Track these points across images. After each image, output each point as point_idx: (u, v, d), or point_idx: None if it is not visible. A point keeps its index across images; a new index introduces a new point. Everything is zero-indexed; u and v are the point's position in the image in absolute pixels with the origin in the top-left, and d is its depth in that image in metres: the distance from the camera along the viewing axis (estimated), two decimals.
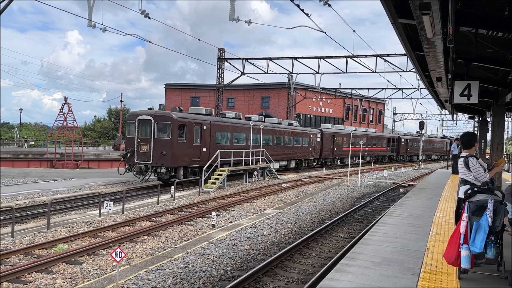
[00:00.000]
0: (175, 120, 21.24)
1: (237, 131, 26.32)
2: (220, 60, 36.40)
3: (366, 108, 66.38)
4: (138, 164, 21.32)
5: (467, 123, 78.06)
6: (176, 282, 8.24)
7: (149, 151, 21.03)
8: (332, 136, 40.87)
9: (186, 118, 22.06)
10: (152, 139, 21.11)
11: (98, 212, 14.35)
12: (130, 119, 22.38)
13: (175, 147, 21.11)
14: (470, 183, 5.77)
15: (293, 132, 33.77)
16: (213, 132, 23.70)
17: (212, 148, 23.34)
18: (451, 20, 6.20)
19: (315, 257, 10.48)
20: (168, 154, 20.72)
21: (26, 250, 9.93)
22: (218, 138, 24.42)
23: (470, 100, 10.87)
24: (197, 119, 22.85)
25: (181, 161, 21.55)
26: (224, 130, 25.09)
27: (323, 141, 38.94)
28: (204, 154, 22.83)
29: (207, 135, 23.15)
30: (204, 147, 22.87)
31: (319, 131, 38.87)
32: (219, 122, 24.82)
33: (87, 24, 18.03)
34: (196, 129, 22.47)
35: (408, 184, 27.13)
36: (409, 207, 12.28)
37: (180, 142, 21.38)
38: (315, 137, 37.57)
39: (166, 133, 21.23)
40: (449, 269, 6.25)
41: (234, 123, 26.30)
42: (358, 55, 31.72)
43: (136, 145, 21.47)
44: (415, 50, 10.38)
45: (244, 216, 15.16)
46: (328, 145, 40.16)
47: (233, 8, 18.05)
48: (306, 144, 35.93)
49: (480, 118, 26.57)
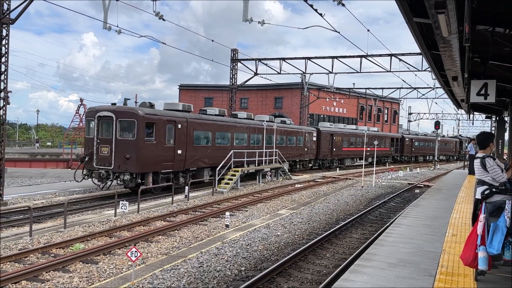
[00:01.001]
0: (141, 117, 18.02)
1: (220, 130, 23.55)
2: (233, 60, 36.48)
3: (380, 108, 65.84)
4: (98, 169, 18.23)
5: (484, 122, 76.87)
6: (191, 281, 8.29)
7: (110, 154, 17.89)
8: (331, 136, 38.08)
9: (156, 114, 18.85)
10: (114, 140, 17.93)
11: (113, 212, 14.53)
12: (89, 116, 19.27)
13: (141, 150, 17.99)
14: (488, 184, 5.69)
15: (286, 131, 30.75)
16: (190, 131, 20.76)
17: (190, 150, 20.63)
18: (467, 18, 6.13)
19: (329, 258, 10.44)
20: (132, 157, 17.64)
21: (44, 249, 10.09)
22: (197, 138, 21.59)
23: (487, 99, 10.72)
24: (170, 116, 19.69)
25: (150, 165, 18.48)
26: (204, 129, 22.18)
27: (320, 140, 36.13)
28: (179, 156, 19.92)
29: (182, 134, 20.18)
30: (179, 148, 19.87)
31: (316, 130, 36.03)
32: (198, 120, 21.82)
33: (103, 26, 18.22)
34: (169, 128, 19.41)
35: (424, 184, 26.85)
36: (424, 208, 12.15)
37: (148, 143, 18.30)
38: (311, 136, 34.70)
39: (130, 132, 18.08)
40: (465, 270, 6.17)
41: (216, 120, 23.33)
42: (372, 54, 31.47)
43: (95, 147, 18.28)
44: (431, 49, 10.28)
45: (257, 216, 15.18)
46: (326, 145, 37.46)
47: (246, 9, 18.07)
48: (301, 143, 33.05)
49: (497, 117, 26.17)
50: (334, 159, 39.47)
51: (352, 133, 41.90)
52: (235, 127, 24.76)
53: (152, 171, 18.63)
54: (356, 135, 42.02)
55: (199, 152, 21.49)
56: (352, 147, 41.62)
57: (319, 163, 37.51)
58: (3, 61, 16.82)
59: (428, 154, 59.80)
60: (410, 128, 73.46)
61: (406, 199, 20.95)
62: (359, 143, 42.26)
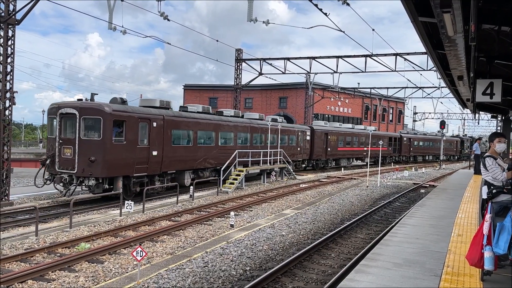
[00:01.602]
0: (108, 114, 15.99)
1: (203, 129, 21.63)
2: (238, 60, 36.51)
3: (385, 108, 65.65)
4: (60, 173, 16.24)
5: (490, 122, 76.51)
6: (196, 281, 8.31)
7: (74, 156, 15.89)
8: (325, 135, 35.89)
9: (126, 111, 16.80)
10: (77, 140, 15.90)
11: (119, 212, 14.58)
12: (51, 113, 17.00)
13: (108, 151, 16.03)
14: (489, 183, 5.69)
15: (277, 129, 28.90)
16: (167, 130, 18.82)
17: (167, 151, 18.76)
18: (473, 17, 6.10)
19: (334, 258, 10.42)
20: (98, 160, 15.73)
21: (50, 249, 10.15)
22: (176, 138, 19.72)
23: (492, 98, 10.68)
24: (143, 113, 17.65)
25: (119, 168, 16.46)
26: (184, 128, 20.24)
27: (314, 140, 34.07)
28: (154, 158, 17.96)
29: (158, 133, 18.22)
30: (154, 149, 17.90)
31: (309, 129, 34.06)
32: (177, 118, 19.75)
33: (108, 27, 18.29)
34: (142, 126, 17.41)
35: (429, 184, 26.74)
36: (430, 208, 12.11)
37: (116, 144, 16.34)
38: (304, 135, 32.66)
39: (96, 131, 16.09)
40: (471, 270, 6.15)
41: (199, 118, 21.32)
42: (377, 54, 31.41)
43: (57, 148, 16.24)
44: (436, 48, 10.25)
45: (262, 216, 15.18)
46: (320, 145, 35.29)
47: (251, 9, 18.08)
48: (293, 143, 31.05)
49: (503, 117, 26.02)
50: (329, 160, 37.52)
51: (348, 132, 40.16)
52: (220, 126, 22.81)
53: (122, 175, 16.69)
54: (352, 135, 40.42)
55: (179, 153, 19.66)
56: (348, 147, 40.03)
57: (312, 164, 35.60)
58: (9, 62, 16.93)
59: (427, 154, 58.28)
60: (415, 127, 73.23)
61: (411, 199, 20.88)
62: (356, 142, 41.11)
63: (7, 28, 16.75)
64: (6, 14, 16.60)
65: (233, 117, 24.77)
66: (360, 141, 41.80)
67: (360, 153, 42.02)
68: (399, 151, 50.60)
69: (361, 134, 41.92)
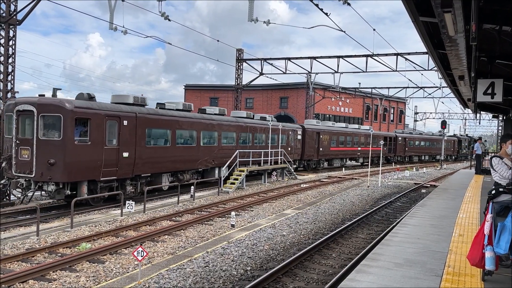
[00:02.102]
0: (69, 111, 14.35)
1: (183, 128, 19.99)
2: (239, 60, 36.53)
3: (386, 108, 65.63)
4: (17, 178, 14.67)
5: (491, 122, 76.51)
6: (197, 281, 8.31)
7: (31, 158, 14.26)
8: (317, 134, 34.36)
9: (91, 108, 15.15)
10: (35, 141, 14.27)
11: (120, 212, 14.59)
12: (8, 110, 15.40)
13: (70, 153, 14.40)
14: (496, 183, 5.69)
15: (265, 128, 27.15)
16: (141, 129, 17.20)
17: (141, 152, 17.15)
18: (474, 17, 6.10)
19: (335, 258, 10.42)
20: (59, 162, 14.13)
21: (51, 249, 10.16)
22: (152, 137, 18.18)
23: (494, 98, 10.68)
24: (112, 109, 15.97)
25: (83, 172, 14.85)
26: (161, 126, 18.66)
27: (305, 139, 32.54)
28: (125, 160, 16.31)
29: (130, 133, 16.58)
30: (125, 150, 16.27)
31: (301, 128, 32.44)
32: (152, 115, 18.09)
33: (108, 27, 18.30)
34: (110, 125, 15.74)
35: (430, 184, 26.72)
36: (431, 208, 12.10)
37: (80, 144, 14.76)
38: (295, 135, 31.08)
39: (56, 131, 14.44)
40: (472, 270, 6.14)
41: (177, 116, 19.67)
42: (378, 54, 31.41)
43: (14, 149, 14.66)
44: (437, 48, 10.25)
45: (263, 216, 15.18)
46: (312, 144, 33.76)
47: (251, 9, 18.08)
48: (284, 143, 29.29)
49: (504, 117, 26.01)
50: (321, 160, 35.92)
51: (341, 131, 38.56)
52: (202, 124, 21.16)
53: (87, 180, 15.16)
54: (345, 134, 38.95)
55: (155, 154, 18.10)
56: (342, 147, 38.55)
57: (304, 164, 34.00)
58: (10, 62, 16.96)
59: (423, 154, 56.67)
60: (416, 127, 73.17)
61: (412, 199, 20.87)
62: (349, 142, 39.82)
63: (8, 28, 16.78)
64: (7, 15, 16.63)
65: (218, 115, 23.21)
66: (354, 140, 40.69)
67: (353, 153, 40.95)
68: (394, 151, 49.04)
69: (355, 133, 40.79)
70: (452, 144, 63.97)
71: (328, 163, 37.61)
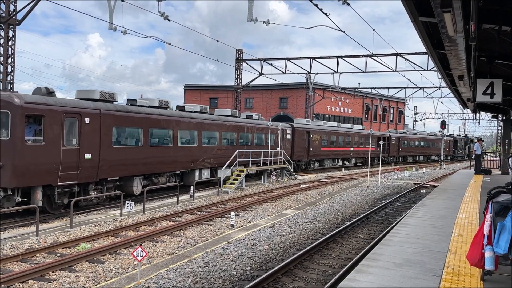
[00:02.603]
0: (19, 107, 12.72)
1: (157, 126, 18.26)
2: (238, 61, 36.55)
3: (386, 108, 65.67)
4: None
5: (490, 122, 76.59)
6: (196, 281, 8.31)
7: None
8: (307, 133, 32.83)
9: (45, 104, 13.47)
10: None
11: (119, 212, 14.59)
12: None
13: (20, 154, 12.79)
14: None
15: (251, 127, 25.67)
16: (107, 128, 15.50)
17: (107, 153, 15.44)
18: (473, 17, 6.10)
19: (334, 258, 10.42)
20: (7, 166, 12.56)
21: (50, 249, 10.15)
22: (120, 137, 16.55)
23: (493, 98, 10.69)
24: (71, 106, 14.22)
25: (36, 176, 13.16)
26: (131, 125, 16.93)
27: (294, 139, 31.04)
28: (88, 162, 14.66)
29: (93, 132, 14.91)
30: (87, 151, 14.61)
31: (290, 127, 30.87)
32: (121, 113, 16.27)
33: (108, 27, 18.34)
34: (70, 123, 14.06)
35: (430, 184, 26.74)
36: (431, 208, 12.10)
37: (32, 145, 13.12)
38: (284, 134, 29.54)
39: (4, 129, 12.82)
40: (472, 270, 6.14)
41: (150, 114, 17.89)
42: (377, 54, 31.46)
43: None
44: (436, 48, 10.25)
45: (262, 216, 15.18)
46: (302, 144, 32.26)
47: (251, 9, 18.09)
48: (272, 142, 27.75)
49: (503, 117, 26.03)
50: (311, 160, 34.30)
51: (332, 131, 37.07)
52: (179, 123, 19.47)
53: (42, 184, 13.47)
54: (337, 134, 37.56)
55: (124, 155, 16.38)
56: (333, 147, 37.10)
57: (293, 165, 31.70)
58: (10, 62, 16.96)
59: (418, 154, 55.20)
60: (416, 127, 73.20)
61: (412, 199, 20.87)
62: (341, 142, 38.45)
63: (8, 28, 16.77)
64: (6, 15, 16.63)
65: (198, 113, 21.56)
66: (346, 140, 39.30)
67: (346, 153, 39.48)
68: (388, 151, 47.21)
69: (347, 133, 39.44)
70: (447, 144, 62.37)
71: (319, 164, 36.08)
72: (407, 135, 53.02)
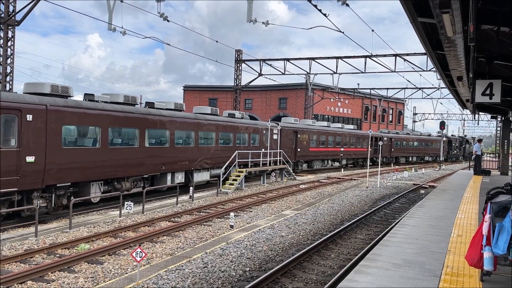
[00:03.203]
0: None
1: (119, 125, 16.28)
2: (238, 61, 36.56)
3: (385, 108, 65.70)
4: None
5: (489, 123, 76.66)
6: (196, 282, 8.31)
7: None
8: (295, 133, 31.05)
9: None
10: None
11: (118, 213, 14.58)
12: None
13: None
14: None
15: (233, 126, 23.75)
16: (55, 126, 13.49)
17: (55, 155, 13.43)
18: (472, 18, 6.11)
19: (334, 258, 10.42)
20: None
21: (49, 250, 10.15)
22: (72, 137, 14.62)
23: (492, 99, 10.70)
24: (9, 100, 12.21)
25: None
26: (86, 123, 14.92)
27: (281, 139, 29.21)
28: (31, 166, 12.64)
29: (38, 131, 12.93)
30: (29, 153, 12.60)
31: (276, 126, 28.94)
32: (73, 109, 14.22)
33: (107, 28, 18.35)
34: (6, 120, 12.16)
35: (429, 185, 26.75)
36: (430, 209, 12.11)
37: None
38: (270, 134, 27.45)
39: None
40: (471, 271, 6.15)
41: (111, 111, 15.85)
42: (377, 54, 31.50)
43: None
44: (435, 49, 10.26)
45: (262, 217, 15.18)
46: (289, 145, 30.28)
47: (250, 10, 18.10)
48: (256, 143, 25.77)
49: (502, 117, 26.05)
50: (299, 162, 32.58)
51: (322, 130, 35.27)
52: (146, 121, 17.48)
53: None
54: (327, 133, 35.87)
55: (77, 158, 14.40)
56: (322, 147, 35.35)
57: None
58: (9, 63, 16.95)
59: (411, 155, 52.85)
60: (415, 128, 73.27)
61: (411, 200, 20.88)
62: (331, 142, 36.73)
63: (7, 29, 16.77)
64: (6, 15, 16.62)
65: (171, 111, 19.48)
66: (336, 140, 37.47)
67: (336, 154, 37.61)
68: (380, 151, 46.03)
69: (337, 133, 37.60)
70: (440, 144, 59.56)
71: (307, 165, 34.45)
72: (400, 135, 51.05)
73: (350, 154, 40.40)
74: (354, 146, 40.58)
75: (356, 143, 40.78)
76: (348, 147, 39.63)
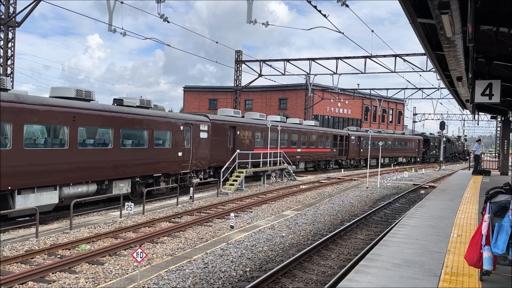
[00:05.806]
0: None
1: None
2: (238, 62, 36.59)
3: (385, 109, 65.73)
4: None
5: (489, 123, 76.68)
6: (196, 282, 8.33)
7: None
8: (232, 129, 23.97)
9: None
10: None
11: (119, 213, 14.59)
12: None
13: None
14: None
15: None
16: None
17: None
18: (471, 19, 6.14)
19: (334, 258, 10.44)
20: None
21: (50, 250, 10.16)
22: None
23: (491, 99, 10.73)
24: None
25: None
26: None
27: (212, 137, 21.90)
28: None
29: None
30: None
31: (206, 120, 21.56)
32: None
33: (107, 29, 18.35)
34: None
35: (429, 185, 26.78)
36: (430, 209, 12.13)
37: None
38: (196, 131, 20.42)
39: None
40: (470, 270, 6.17)
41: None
42: (376, 55, 31.52)
43: None
44: (435, 49, 10.29)
45: (262, 217, 15.20)
46: (224, 145, 23.27)
47: (250, 11, 18.11)
48: (168, 144, 18.53)
49: (502, 117, 26.07)
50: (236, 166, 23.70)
51: (270, 127, 26.41)
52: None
53: None
54: (283, 131, 28.25)
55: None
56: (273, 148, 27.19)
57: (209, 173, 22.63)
58: (9, 64, 16.98)
59: (383, 156, 44.01)
60: (415, 128, 73.28)
61: (411, 200, 20.90)
62: (285, 141, 29.54)
63: (7, 30, 16.80)
64: (6, 17, 16.66)
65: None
66: (291, 139, 30.32)
67: (291, 155, 29.59)
68: (346, 153, 39.31)
69: (293, 130, 30.34)
70: (416, 144, 54.05)
71: None
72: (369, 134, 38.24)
73: (310, 156, 33.41)
74: (314, 146, 33.81)
75: (317, 143, 34.12)
76: (307, 147, 32.70)
